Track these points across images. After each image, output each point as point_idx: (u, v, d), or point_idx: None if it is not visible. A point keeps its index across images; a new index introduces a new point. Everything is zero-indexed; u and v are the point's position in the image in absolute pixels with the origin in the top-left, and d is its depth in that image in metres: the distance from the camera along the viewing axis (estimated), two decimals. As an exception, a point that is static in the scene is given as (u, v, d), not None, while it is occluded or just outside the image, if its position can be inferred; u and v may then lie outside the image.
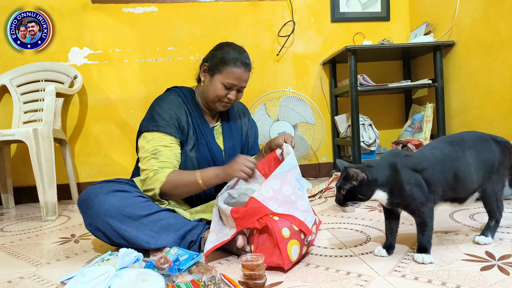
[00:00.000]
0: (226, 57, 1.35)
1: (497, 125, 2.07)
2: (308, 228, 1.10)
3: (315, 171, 2.81)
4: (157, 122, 1.32)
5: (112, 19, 2.56)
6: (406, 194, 1.05)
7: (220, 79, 1.35)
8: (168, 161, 1.30)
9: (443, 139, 1.21)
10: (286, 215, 1.09)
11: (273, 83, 2.74)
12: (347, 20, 2.79)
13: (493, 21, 2.05)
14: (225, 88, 1.36)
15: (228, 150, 1.47)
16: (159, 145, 1.30)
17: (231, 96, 1.38)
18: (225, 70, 1.34)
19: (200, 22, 2.61)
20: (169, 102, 1.38)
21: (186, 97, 1.44)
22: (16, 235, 1.68)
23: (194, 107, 1.43)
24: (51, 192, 1.96)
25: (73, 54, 2.54)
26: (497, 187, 1.18)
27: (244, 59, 1.36)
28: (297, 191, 1.16)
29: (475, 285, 0.90)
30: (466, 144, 1.16)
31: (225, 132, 1.49)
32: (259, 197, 1.11)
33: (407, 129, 2.72)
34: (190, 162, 1.38)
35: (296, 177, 1.19)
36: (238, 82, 1.36)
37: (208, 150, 1.41)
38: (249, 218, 1.08)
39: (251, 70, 1.40)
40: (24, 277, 1.14)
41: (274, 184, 1.15)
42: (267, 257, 1.03)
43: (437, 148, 1.15)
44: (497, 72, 2.05)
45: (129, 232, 1.18)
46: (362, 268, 1.06)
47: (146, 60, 2.61)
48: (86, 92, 2.57)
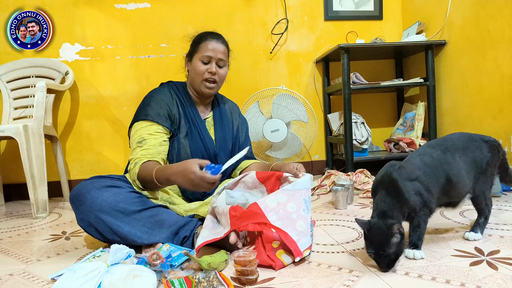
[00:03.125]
0: (197, 38, 1.45)
1: (486, 123, 2.09)
2: (298, 249, 1.06)
3: (308, 169, 2.82)
4: (147, 111, 1.36)
5: (104, 15, 2.54)
6: (411, 206, 1.05)
7: (197, 57, 1.42)
8: (151, 148, 1.30)
9: (431, 144, 1.21)
10: (280, 230, 1.08)
11: (266, 81, 2.74)
12: (340, 18, 2.80)
13: (483, 21, 2.08)
14: (203, 63, 1.40)
15: (219, 140, 1.49)
16: (145, 133, 1.32)
17: (211, 69, 1.40)
18: (199, 47, 1.41)
19: (193, 19, 2.59)
20: (161, 93, 1.42)
21: (179, 89, 1.48)
22: (5, 232, 1.66)
23: (186, 99, 1.46)
24: (41, 189, 1.93)
25: (64, 50, 2.51)
26: (485, 187, 1.20)
27: (215, 34, 1.44)
28: (301, 211, 1.15)
29: (464, 280, 0.92)
30: (455, 146, 1.17)
31: (216, 123, 1.52)
32: (262, 204, 1.11)
33: (399, 128, 2.75)
34: (184, 151, 1.40)
35: (305, 199, 1.18)
36: (214, 53, 1.40)
37: (200, 139, 1.43)
38: (245, 219, 1.08)
39: (227, 46, 1.46)
40: (13, 274, 1.13)
41: (281, 197, 1.14)
42: (259, 255, 1.04)
43: (426, 154, 1.15)
44: (487, 71, 2.07)
45: (122, 227, 1.17)
46: (354, 264, 1.06)
47: (138, 57, 2.59)
48: (78, 89, 2.54)
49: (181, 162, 1.16)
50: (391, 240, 0.96)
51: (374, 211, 1.05)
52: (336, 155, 2.77)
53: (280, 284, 0.96)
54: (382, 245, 0.96)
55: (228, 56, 1.49)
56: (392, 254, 0.97)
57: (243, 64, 2.71)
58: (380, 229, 0.97)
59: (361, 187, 2.05)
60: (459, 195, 1.16)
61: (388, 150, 2.69)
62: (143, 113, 1.35)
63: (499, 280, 0.91)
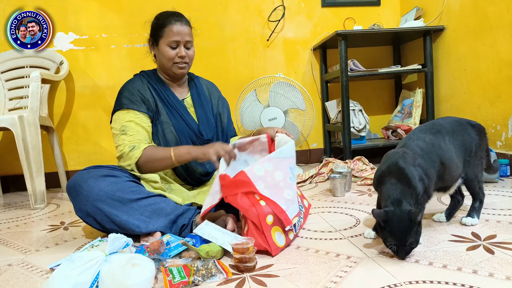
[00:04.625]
0: (160, 21, 1.41)
1: (484, 109, 2.09)
2: (287, 217, 1.08)
3: (306, 157, 2.83)
4: (121, 101, 1.37)
5: (98, 4, 2.50)
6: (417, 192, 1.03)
7: (164, 42, 1.39)
8: (137, 133, 1.32)
9: (421, 128, 1.20)
10: (269, 199, 1.08)
11: (263, 69, 2.72)
12: (337, 5, 2.77)
13: (481, 6, 2.05)
14: (172, 48, 1.39)
15: (201, 118, 1.49)
16: (125, 121, 1.33)
17: (181, 53, 1.39)
18: (164, 32, 1.38)
19: (188, 8, 2.55)
20: (131, 82, 1.43)
21: (150, 75, 1.47)
22: (4, 223, 1.66)
23: (158, 83, 1.46)
24: (39, 180, 1.93)
25: (58, 39, 2.48)
26: (477, 170, 1.20)
27: (176, 15, 1.41)
28: (288, 179, 1.16)
29: (460, 265, 0.92)
30: (445, 130, 1.17)
31: (195, 102, 1.51)
32: (249, 173, 1.10)
33: (397, 115, 2.74)
34: (168, 131, 1.41)
35: (291, 167, 1.19)
36: (181, 37, 1.38)
37: (182, 119, 1.43)
38: (234, 188, 1.09)
39: (190, 25, 1.44)
40: (12, 264, 1.13)
41: (267, 166, 1.14)
42: (255, 240, 1.04)
43: (420, 139, 1.14)
44: (485, 56, 2.06)
45: (119, 216, 1.17)
46: (351, 250, 1.07)
47: (134, 46, 2.56)
48: (73, 79, 2.52)
49: None
50: (413, 228, 0.93)
51: (386, 200, 1.00)
52: (334, 143, 2.77)
53: (278, 270, 0.96)
54: (405, 234, 0.93)
55: (192, 35, 1.47)
56: (414, 242, 0.94)
57: (240, 52, 2.68)
58: (401, 218, 0.94)
59: (359, 175, 2.06)
60: (452, 179, 1.16)
61: (386, 137, 2.68)
62: (118, 104, 1.38)
63: (495, 264, 0.92)
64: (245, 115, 2.41)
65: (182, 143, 1.42)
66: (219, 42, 2.65)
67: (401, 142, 1.17)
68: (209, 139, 1.48)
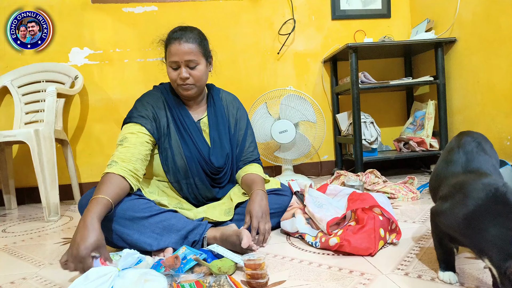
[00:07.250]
0: (166, 40, 1.36)
1: (499, 121, 2.06)
2: (400, 230, 1.25)
3: (317, 169, 2.81)
4: (132, 114, 1.35)
5: (112, 19, 2.56)
6: None
7: (167, 63, 1.36)
8: (131, 147, 1.25)
9: (465, 150, 1.02)
10: (384, 209, 1.25)
11: (274, 82, 2.73)
12: (347, 17, 2.78)
13: (494, 17, 2.04)
14: (173, 69, 1.34)
15: (214, 143, 1.42)
16: (127, 133, 1.30)
17: (181, 75, 1.31)
18: (167, 52, 1.34)
19: (200, 22, 2.60)
20: (149, 95, 1.41)
21: (168, 91, 1.44)
22: (18, 236, 1.68)
23: (174, 101, 1.42)
24: (53, 193, 1.96)
25: (73, 54, 2.54)
26: None
27: (178, 32, 1.31)
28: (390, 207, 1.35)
29: (478, 283, 0.90)
30: (482, 145, 1.04)
31: (211, 123, 1.45)
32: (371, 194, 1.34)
33: (408, 127, 2.72)
34: (179, 158, 1.36)
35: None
36: (179, 57, 1.29)
37: (193, 144, 1.38)
38: (361, 202, 1.26)
39: (197, 40, 1.32)
40: (26, 278, 1.15)
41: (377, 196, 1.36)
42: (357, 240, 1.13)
43: (487, 162, 0.96)
44: (499, 68, 2.04)
45: (131, 235, 1.17)
46: (365, 267, 1.05)
47: (146, 60, 2.60)
48: (87, 93, 2.57)
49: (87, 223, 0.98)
50: None
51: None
52: (345, 155, 2.75)
53: (290, 287, 0.95)
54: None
55: (202, 51, 1.34)
56: None
57: (251, 65, 2.71)
58: None
59: (371, 188, 2.04)
60: None
61: (398, 149, 2.66)
62: (128, 116, 1.36)
63: None
64: (256, 128, 2.42)
65: (192, 170, 1.37)
66: (231, 54, 2.68)
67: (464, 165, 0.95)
68: (220, 167, 1.41)
